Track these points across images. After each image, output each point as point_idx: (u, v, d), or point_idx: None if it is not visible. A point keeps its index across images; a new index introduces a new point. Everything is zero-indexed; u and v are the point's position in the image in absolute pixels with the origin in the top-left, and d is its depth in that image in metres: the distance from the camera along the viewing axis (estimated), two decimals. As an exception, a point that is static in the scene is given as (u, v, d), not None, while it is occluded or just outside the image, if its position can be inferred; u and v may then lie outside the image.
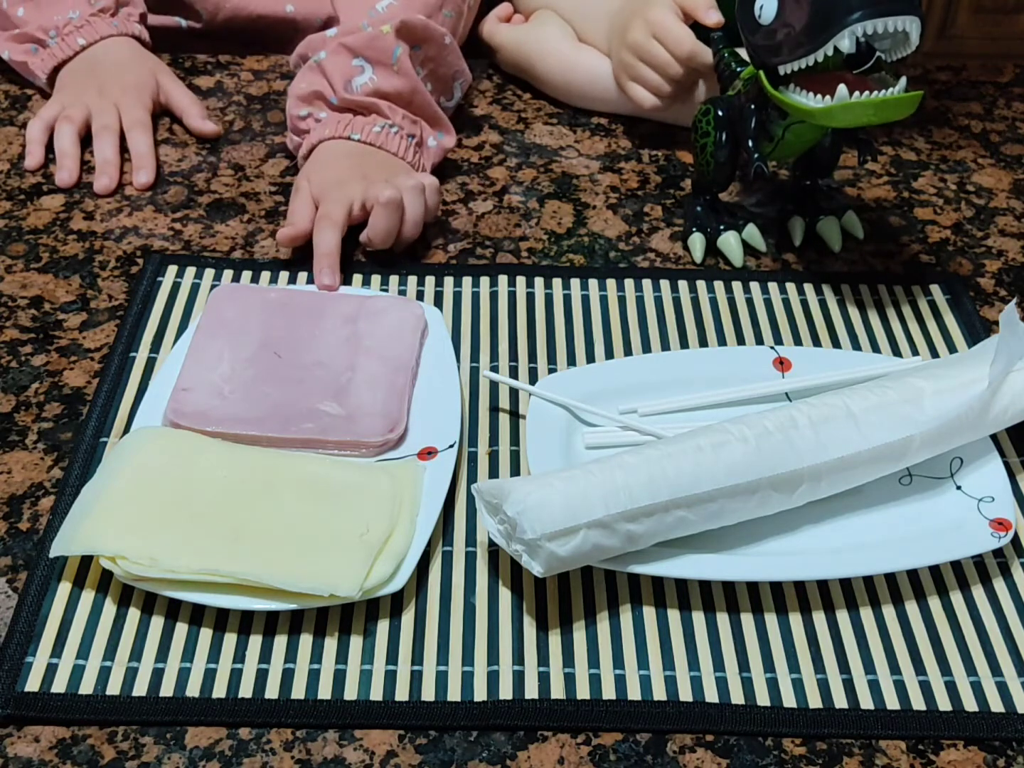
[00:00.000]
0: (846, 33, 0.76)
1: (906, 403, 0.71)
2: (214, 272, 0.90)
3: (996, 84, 1.18)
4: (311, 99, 0.97)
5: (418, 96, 0.98)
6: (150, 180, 0.99)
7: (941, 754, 0.62)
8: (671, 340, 0.85)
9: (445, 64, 1.01)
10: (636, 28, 1.01)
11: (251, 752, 0.61)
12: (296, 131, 0.98)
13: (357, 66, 0.96)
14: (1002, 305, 0.90)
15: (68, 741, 0.61)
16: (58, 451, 0.76)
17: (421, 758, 0.61)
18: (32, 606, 0.66)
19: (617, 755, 0.62)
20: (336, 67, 0.96)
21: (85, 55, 1.06)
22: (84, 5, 1.07)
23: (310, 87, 0.97)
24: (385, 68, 0.96)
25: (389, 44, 0.96)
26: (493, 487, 0.66)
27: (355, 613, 0.67)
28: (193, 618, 0.66)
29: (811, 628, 0.67)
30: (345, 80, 0.96)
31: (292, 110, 0.98)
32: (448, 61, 1.01)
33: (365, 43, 0.96)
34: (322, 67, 0.97)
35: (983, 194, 1.03)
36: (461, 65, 1.03)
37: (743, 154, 0.89)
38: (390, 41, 0.96)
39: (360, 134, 0.95)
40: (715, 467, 0.67)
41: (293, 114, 0.98)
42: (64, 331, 0.85)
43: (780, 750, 0.62)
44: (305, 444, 0.74)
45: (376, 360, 0.79)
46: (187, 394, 0.76)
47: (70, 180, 0.98)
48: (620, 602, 0.68)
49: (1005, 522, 0.70)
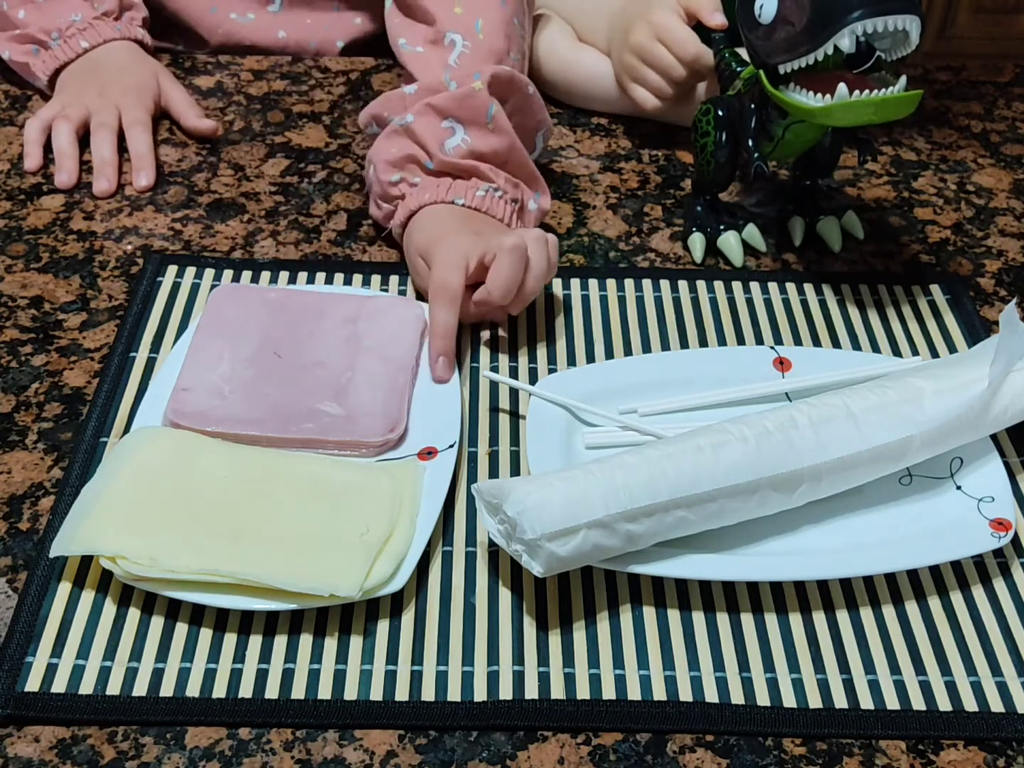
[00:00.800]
0: (846, 32, 0.76)
1: (906, 403, 0.71)
2: (214, 272, 0.90)
3: (996, 84, 1.18)
4: (403, 164, 0.89)
5: (515, 154, 0.91)
6: (150, 183, 0.99)
7: (941, 754, 0.62)
8: (671, 340, 0.85)
9: (529, 115, 0.94)
10: (639, 30, 1.01)
11: (251, 752, 0.61)
12: (387, 198, 0.90)
13: (447, 128, 0.89)
14: (1002, 305, 0.90)
15: (68, 741, 0.61)
16: (58, 451, 0.76)
17: (421, 758, 0.61)
18: (32, 606, 0.66)
19: (617, 755, 0.62)
20: (427, 129, 0.89)
21: (87, 58, 1.06)
22: (87, 8, 1.07)
23: (401, 151, 0.89)
24: (479, 128, 0.89)
25: (483, 102, 0.89)
26: (493, 487, 0.66)
27: (355, 613, 0.67)
28: (193, 618, 0.66)
29: (811, 628, 0.67)
30: (439, 143, 0.88)
31: (382, 175, 0.90)
32: (532, 111, 0.94)
33: (456, 103, 0.88)
34: (410, 130, 0.89)
35: (983, 194, 1.03)
36: (544, 114, 0.96)
37: (743, 154, 0.89)
38: (484, 99, 0.89)
39: (464, 199, 0.88)
40: (715, 467, 0.67)
41: (384, 179, 0.90)
42: (64, 331, 0.85)
43: (780, 750, 0.62)
44: (305, 444, 0.74)
45: (376, 360, 0.79)
46: (187, 394, 0.76)
47: (69, 182, 0.98)
48: (620, 602, 0.68)
49: (1005, 522, 0.70)
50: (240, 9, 1.17)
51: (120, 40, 1.08)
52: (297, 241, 0.94)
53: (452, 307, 0.80)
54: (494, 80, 0.90)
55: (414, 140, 0.89)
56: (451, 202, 0.87)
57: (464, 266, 0.80)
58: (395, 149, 0.90)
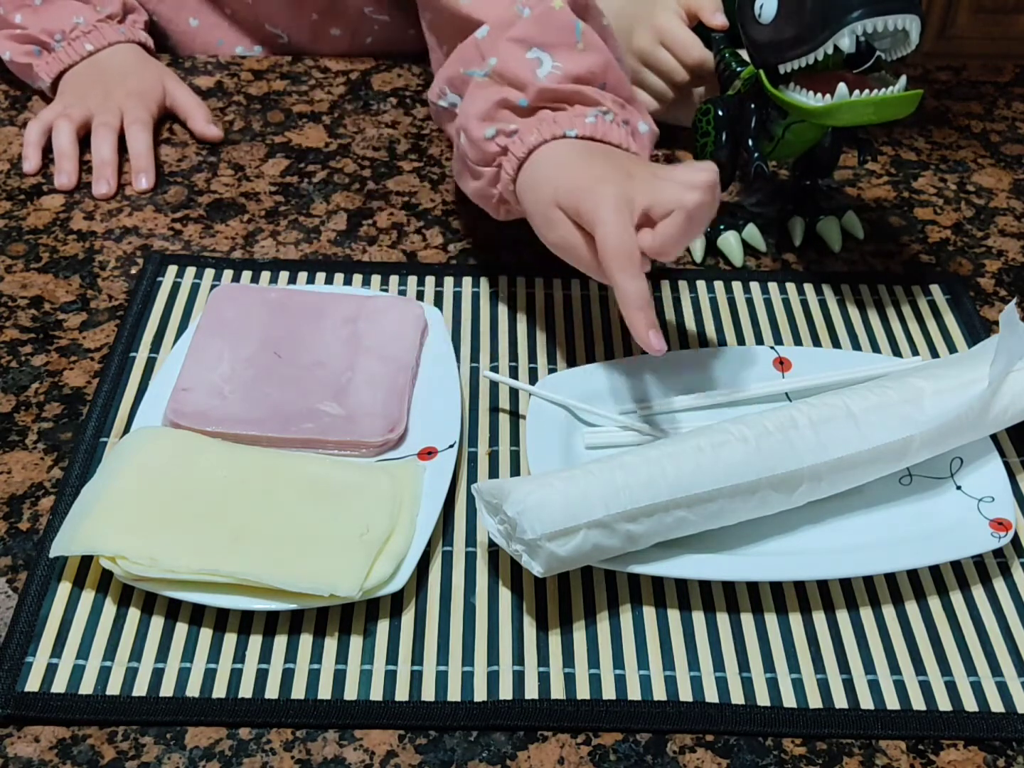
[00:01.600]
0: (846, 32, 0.77)
1: (906, 403, 0.71)
2: (214, 272, 0.90)
3: (996, 84, 1.18)
4: (494, 113, 0.79)
5: (612, 73, 0.80)
6: (150, 185, 0.99)
7: (941, 754, 0.62)
8: (671, 340, 0.85)
9: (609, 44, 0.85)
10: (641, 33, 1.01)
11: (251, 752, 0.61)
12: (485, 160, 0.79)
13: (533, 59, 0.79)
14: (1002, 305, 0.90)
15: (68, 741, 0.61)
16: (58, 451, 0.76)
17: (421, 758, 0.61)
18: (32, 606, 0.66)
19: (617, 755, 0.62)
20: (513, 65, 0.79)
21: (91, 60, 1.06)
22: (89, 11, 1.07)
23: (488, 102, 0.79)
24: (569, 49, 0.79)
25: (568, 20, 0.80)
26: (493, 487, 0.66)
27: (355, 613, 0.67)
28: (193, 618, 0.66)
29: (811, 628, 0.67)
30: (530, 74, 0.78)
31: (475, 134, 0.79)
32: (610, 43, 0.85)
33: (538, 27, 0.79)
34: (496, 74, 0.79)
35: (983, 194, 1.03)
36: (621, 52, 0.88)
37: (743, 154, 0.89)
38: (568, 16, 0.80)
39: (576, 128, 0.76)
40: (715, 467, 0.67)
41: (478, 137, 0.79)
42: (64, 331, 0.85)
43: (780, 750, 0.62)
44: (305, 444, 0.74)
45: (376, 360, 0.79)
46: (187, 394, 0.76)
47: (69, 184, 0.98)
48: (620, 602, 0.68)
49: (1005, 522, 0.70)
50: (247, 43, 1.17)
51: (124, 43, 1.08)
52: (297, 241, 0.94)
53: (639, 272, 0.69)
54: (572, 2, 0.81)
55: (503, 82, 0.79)
56: (563, 136, 0.76)
57: (631, 220, 0.70)
58: (481, 103, 0.79)
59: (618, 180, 0.72)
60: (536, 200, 0.76)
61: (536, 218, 0.76)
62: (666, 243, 0.70)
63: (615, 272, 0.69)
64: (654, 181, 0.71)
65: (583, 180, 0.72)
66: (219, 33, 1.17)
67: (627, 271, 0.69)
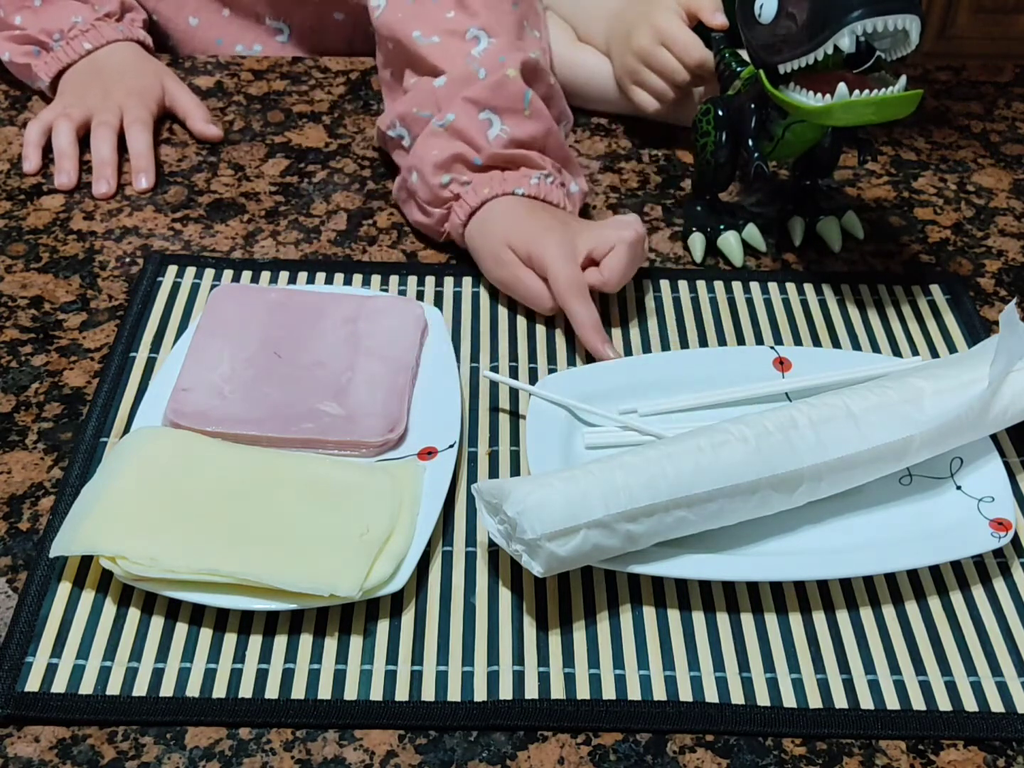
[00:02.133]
0: (846, 32, 0.76)
1: (906, 403, 0.71)
2: (214, 272, 0.90)
3: (996, 84, 1.18)
4: (450, 164, 0.89)
5: (552, 138, 0.91)
6: (150, 185, 0.99)
7: (941, 754, 0.62)
8: (671, 340, 0.85)
9: (552, 105, 0.95)
10: (641, 33, 1.01)
11: (251, 752, 0.61)
12: (437, 202, 0.89)
13: (484, 120, 0.89)
14: (1002, 305, 0.90)
15: (68, 741, 0.61)
16: (58, 451, 0.76)
17: (421, 758, 0.61)
18: (32, 606, 0.66)
19: (617, 755, 0.62)
20: (470, 125, 0.88)
21: (90, 59, 1.06)
22: (87, 11, 1.07)
23: (445, 152, 0.88)
24: (516, 115, 0.89)
25: (519, 88, 0.89)
26: (493, 487, 0.66)
27: (355, 613, 0.67)
28: (193, 618, 0.66)
29: (811, 628, 0.67)
30: (483, 137, 0.88)
31: (431, 179, 0.89)
32: (555, 102, 0.96)
33: (491, 92, 0.89)
34: (454, 129, 0.89)
35: (983, 194, 1.03)
36: (565, 105, 0.99)
37: (743, 154, 0.89)
38: (519, 85, 0.89)
39: (523, 188, 0.88)
40: (715, 467, 0.67)
41: (433, 183, 0.89)
42: (64, 331, 0.85)
43: (780, 750, 0.62)
44: (305, 444, 0.74)
45: (376, 360, 0.79)
46: (187, 394, 0.76)
47: (69, 184, 0.98)
48: (620, 602, 0.68)
49: (1005, 522, 0.70)
50: (247, 41, 1.17)
51: (123, 41, 1.08)
52: (297, 241, 0.94)
53: (588, 299, 0.83)
54: (524, 67, 0.90)
55: (459, 138, 0.89)
56: (512, 193, 0.88)
57: (577, 260, 0.83)
58: (437, 151, 0.89)
59: (561, 230, 0.85)
60: (486, 243, 0.87)
61: (487, 258, 0.87)
62: (612, 274, 0.83)
63: (569, 300, 0.82)
64: (592, 229, 0.85)
65: (532, 229, 0.85)
66: (218, 32, 1.17)
67: (578, 299, 0.82)
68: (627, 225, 0.85)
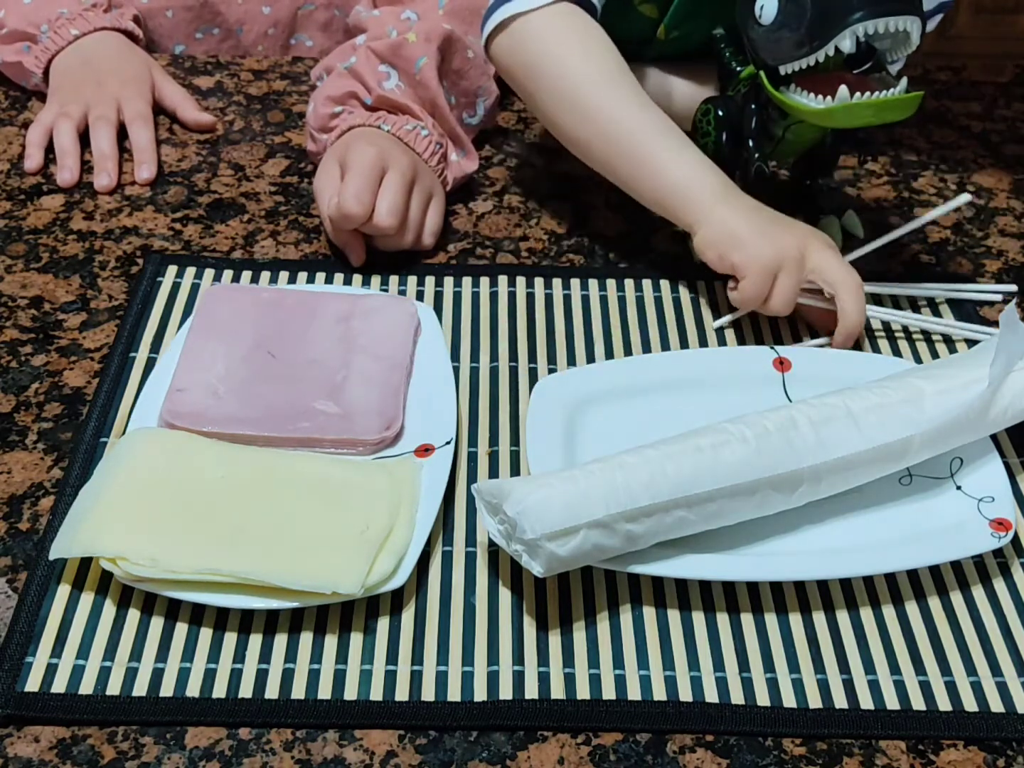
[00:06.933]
0: (847, 33, 0.76)
1: (906, 403, 0.71)
2: (214, 272, 0.90)
3: (996, 84, 1.18)
4: (344, 99, 0.97)
5: (438, 111, 0.97)
6: (152, 175, 0.99)
7: (941, 754, 0.62)
8: (671, 340, 0.85)
9: (468, 78, 1.00)
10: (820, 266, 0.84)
11: (251, 752, 0.61)
12: (324, 129, 0.97)
13: (384, 71, 0.96)
14: (1002, 305, 0.90)
15: (68, 741, 0.61)
16: (58, 451, 0.76)
17: (421, 758, 0.61)
18: (32, 606, 0.66)
19: (617, 755, 0.62)
20: (367, 70, 0.96)
21: (79, 50, 1.05)
22: (74, 3, 1.06)
23: (341, 89, 0.97)
24: (409, 77, 0.96)
25: (414, 53, 0.96)
26: (493, 487, 0.66)
27: (355, 613, 0.67)
28: (193, 618, 0.66)
29: (811, 628, 0.67)
30: (377, 81, 0.96)
31: (322, 109, 0.97)
32: (471, 75, 1.00)
33: (391, 50, 0.96)
34: (353, 71, 0.97)
35: (983, 194, 1.03)
36: (487, 82, 1.02)
37: (743, 154, 0.89)
38: (415, 50, 0.96)
39: (391, 127, 0.94)
40: (715, 467, 0.67)
41: (323, 113, 0.97)
42: (64, 331, 0.85)
43: (780, 750, 0.62)
44: (302, 443, 0.74)
45: (370, 358, 0.79)
46: (182, 395, 0.75)
47: (71, 179, 0.98)
48: (620, 602, 0.68)
49: (1005, 522, 0.70)
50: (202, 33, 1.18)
51: (111, 30, 1.07)
52: (297, 241, 0.94)
53: None
54: (432, 35, 0.96)
55: (355, 79, 0.97)
56: (378, 127, 0.94)
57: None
58: (334, 88, 0.97)
59: (378, 163, 0.89)
60: (331, 153, 0.94)
61: (322, 163, 0.94)
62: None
63: None
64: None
65: (370, 151, 0.90)
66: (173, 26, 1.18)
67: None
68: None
